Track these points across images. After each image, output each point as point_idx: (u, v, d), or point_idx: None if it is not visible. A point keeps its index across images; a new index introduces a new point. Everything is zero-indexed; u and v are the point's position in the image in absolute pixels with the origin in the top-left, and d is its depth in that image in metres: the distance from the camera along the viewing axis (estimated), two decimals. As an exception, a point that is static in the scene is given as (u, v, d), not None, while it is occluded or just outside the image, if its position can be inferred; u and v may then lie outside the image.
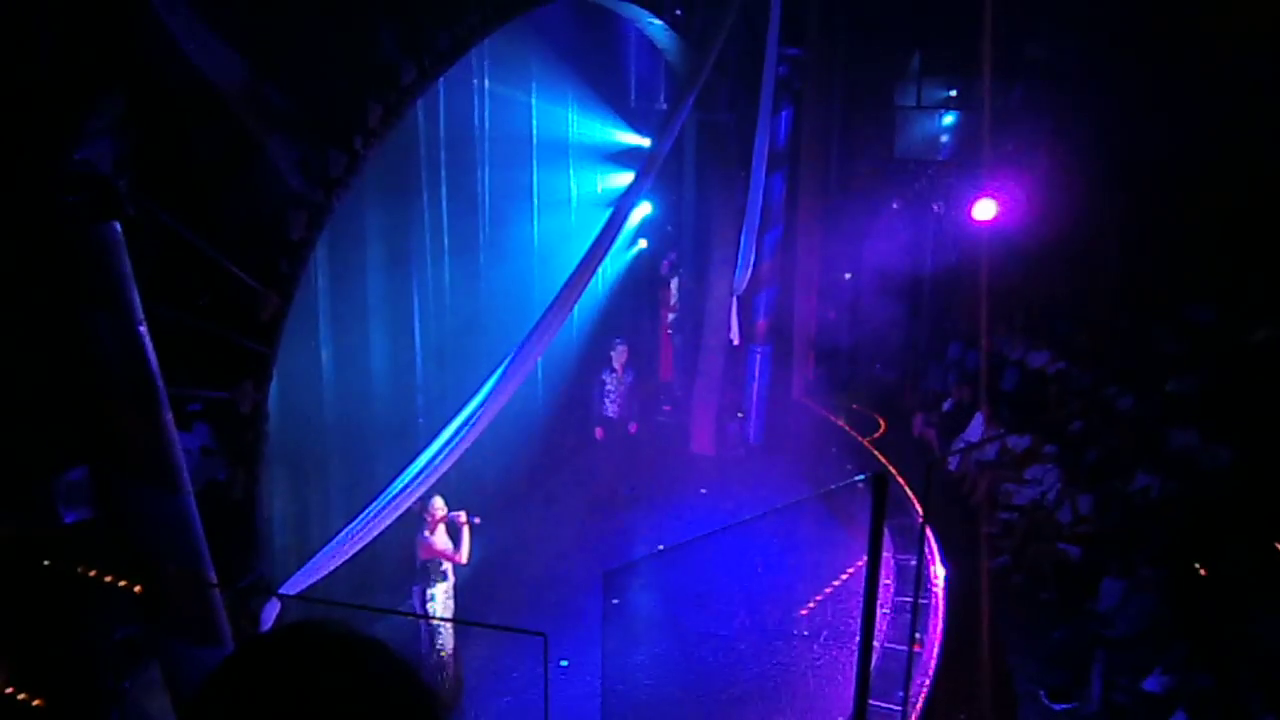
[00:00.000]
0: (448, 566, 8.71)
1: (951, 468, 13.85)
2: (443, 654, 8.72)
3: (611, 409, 12.88)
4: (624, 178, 13.61)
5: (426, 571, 8.70)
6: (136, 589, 5.41)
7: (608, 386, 12.90)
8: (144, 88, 5.30)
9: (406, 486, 7.62)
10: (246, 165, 6.33)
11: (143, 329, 5.14)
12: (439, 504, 8.65)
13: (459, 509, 8.73)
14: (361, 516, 7.52)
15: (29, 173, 4.85)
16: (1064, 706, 9.50)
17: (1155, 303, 15.57)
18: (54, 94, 4.86)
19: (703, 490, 13.38)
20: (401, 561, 9.28)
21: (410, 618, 8.75)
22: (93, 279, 5.02)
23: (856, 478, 4.72)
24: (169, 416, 5.36)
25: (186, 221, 5.78)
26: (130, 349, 5.12)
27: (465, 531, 8.70)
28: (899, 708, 7.61)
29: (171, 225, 5.66)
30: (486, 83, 11.36)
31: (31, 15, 4.84)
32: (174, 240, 5.75)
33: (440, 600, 8.68)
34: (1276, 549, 9.86)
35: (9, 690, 5.16)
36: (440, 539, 8.66)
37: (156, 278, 5.45)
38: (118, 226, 5.00)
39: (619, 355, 12.89)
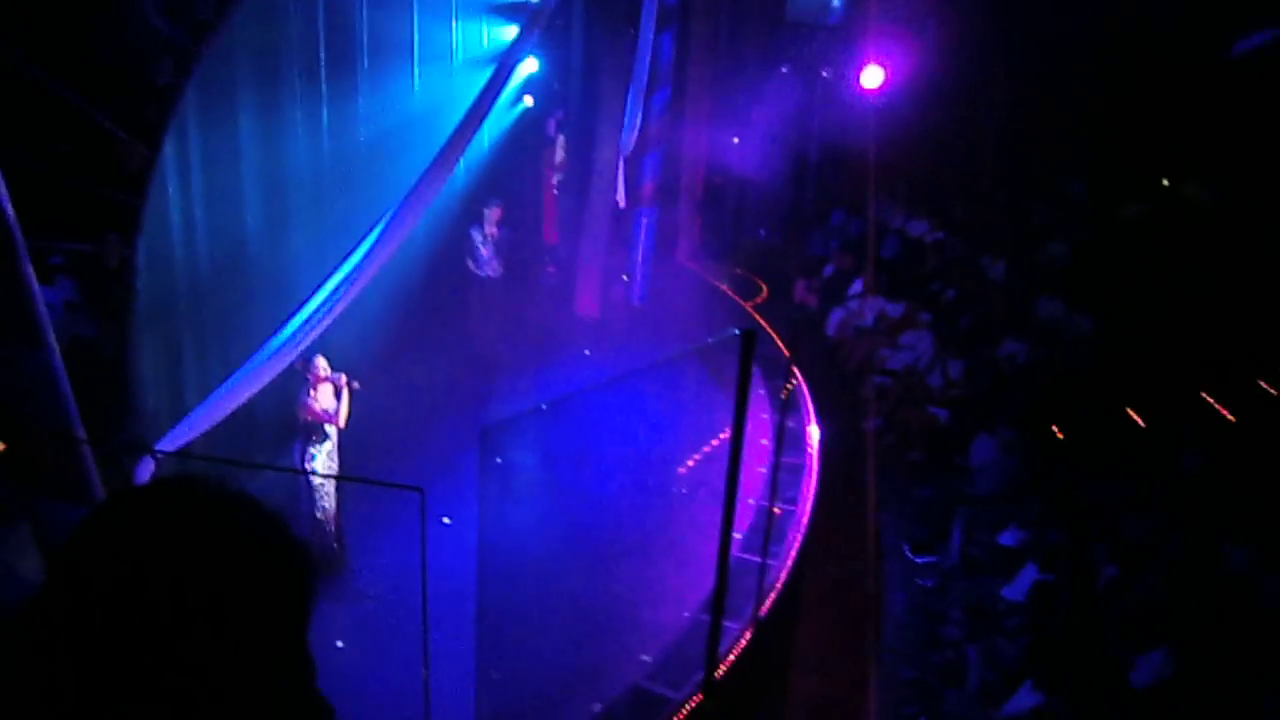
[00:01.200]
0: (329, 428, 8.61)
1: (830, 333, 14.19)
2: (324, 514, 8.71)
3: (485, 268, 12.86)
4: (510, 31, 13.21)
5: (308, 432, 8.59)
6: (1, 447, 5.26)
7: (477, 243, 12.84)
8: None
9: (284, 344, 7.48)
10: (110, 6, 5.97)
11: (-3, 177, 4.88)
12: (322, 364, 8.50)
13: (339, 370, 8.63)
14: (238, 374, 7.38)
15: None
16: (926, 559, 10.03)
17: (1031, 175, 15.96)
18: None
19: (586, 352, 13.45)
20: (281, 422, 9.17)
21: (289, 473, 8.70)
22: (-60, 122, 4.73)
23: (729, 332, 4.79)
24: (29, 269, 5.14)
25: (45, 65, 5.46)
26: (-17, 197, 4.87)
27: (345, 394, 8.59)
28: (771, 561, 7.91)
29: (29, 68, 5.33)
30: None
31: None
32: (32, 84, 5.43)
33: (322, 461, 8.60)
34: (1127, 414, 10.43)
35: None
36: (323, 399, 8.54)
37: (12, 123, 5.16)
38: (-35, 66, 4.71)
39: (492, 214, 12.79)
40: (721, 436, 10.35)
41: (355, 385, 8.67)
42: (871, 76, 15.61)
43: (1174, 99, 13.60)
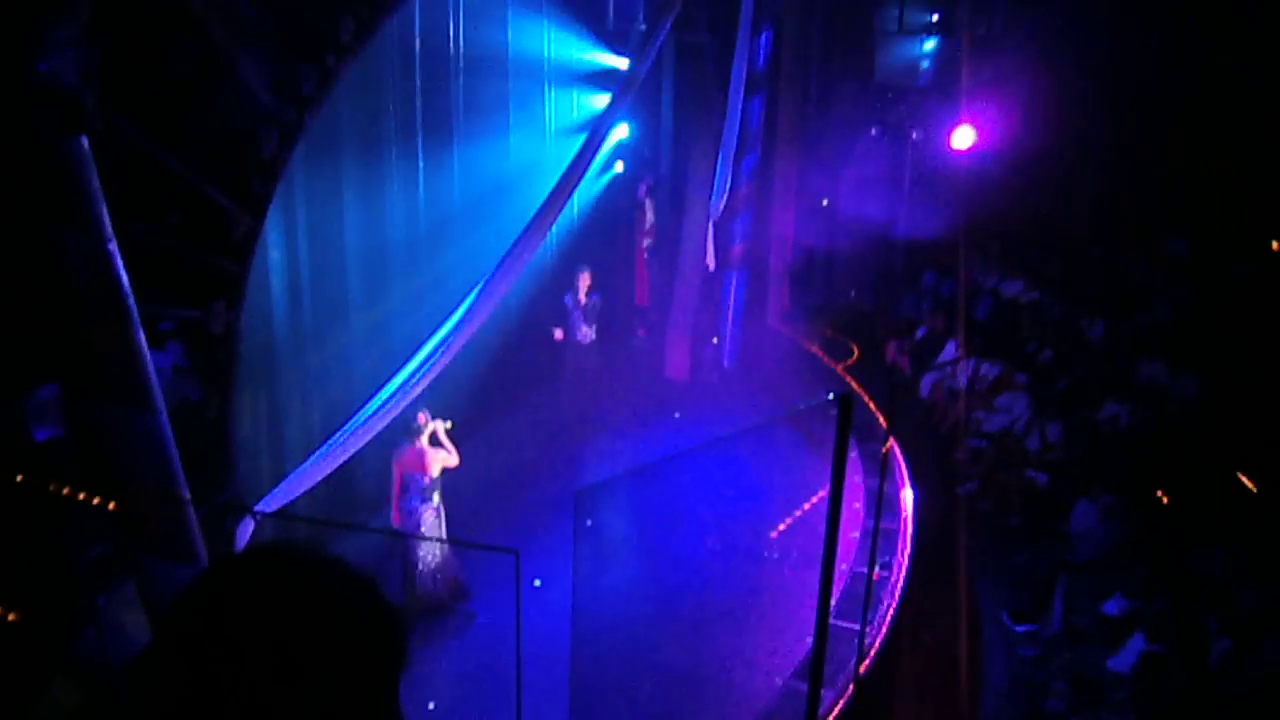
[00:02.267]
0: (431, 477, 8.82)
1: (923, 395, 13.98)
2: (427, 565, 8.95)
3: (576, 333, 12.73)
4: (601, 99, 13.45)
5: (410, 483, 8.84)
6: (111, 506, 5.42)
7: (570, 308, 12.72)
8: (109, -2, 5.18)
9: (382, 406, 7.65)
10: (218, 81, 6.22)
11: (112, 246, 5.09)
12: (424, 418, 8.77)
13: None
14: (336, 435, 7.56)
15: (-7, 85, 4.75)
16: (1026, 628, 9.73)
17: (1129, 234, 15.65)
18: (16, 1, 4.74)
19: (676, 414, 13.44)
20: (380, 480, 9.39)
21: (386, 534, 8.84)
22: (61, 196, 4.95)
23: (824, 397, 4.75)
24: (140, 335, 5.33)
25: (157, 138, 5.70)
26: (100, 267, 5.08)
27: (443, 436, 8.89)
28: (865, 627, 7.76)
29: (141, 142, 5.57)
30: (461, 2, 11.15)
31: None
32: (144, 157, 5.67)
33: (428, 516, 8.85)
34: (1237, 478, 10.06)
35: (-16, 605, 5.20)
36: (428, 450, 8.79)
37: (127, 195, 5.38)
38: (85, 142, 4.93)
39: (582, 280, 12.64)
40: (813, 500, 10.24)
41: (449, 424, 8.97)
42: (962, 137, 15.52)
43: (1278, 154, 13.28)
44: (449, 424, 9.01)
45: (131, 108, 5.52)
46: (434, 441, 8.88)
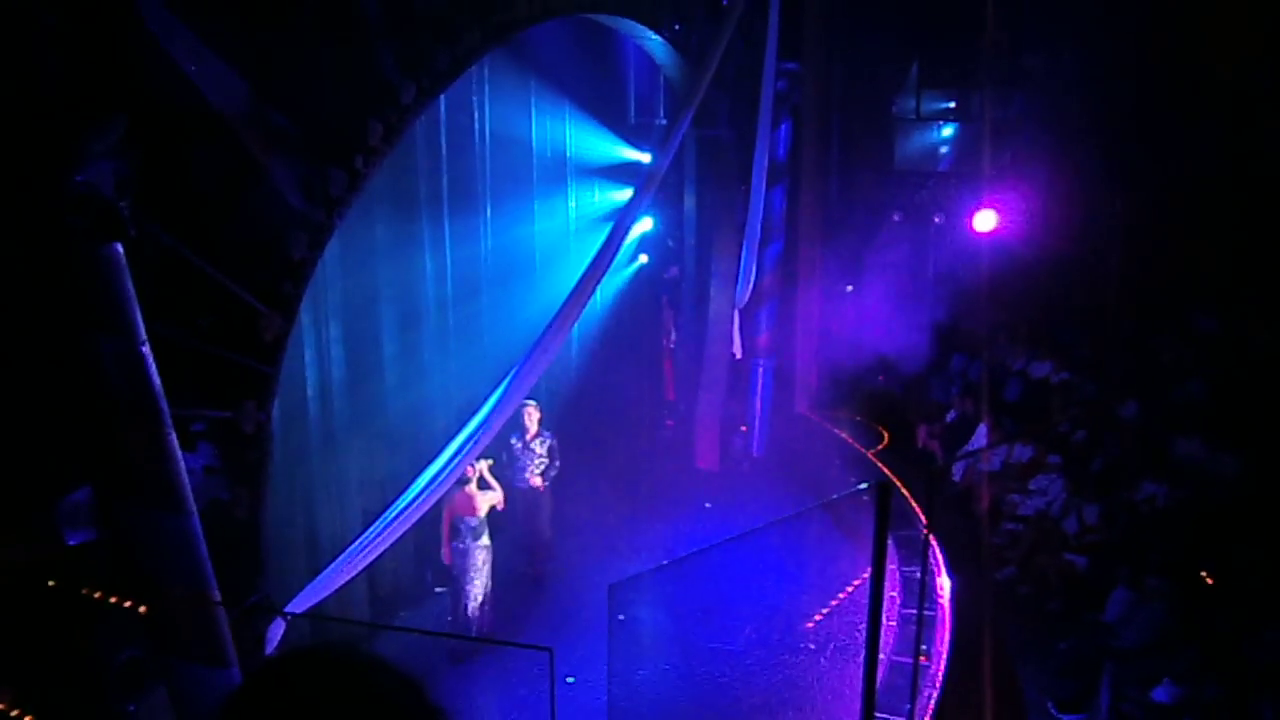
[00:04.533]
0: (478, 519, 9.64)
1: (956, 479, 13.83)
2: (474, 605, 9.69)
3: (519, 479, 11.03)
4: (624, 193, 13.64)
5: (466, 529, 9.64)
6: (141, 610, 5.41)
7: (516, 452, 11.09)
8: (145, 109, 5.32)
9: (407, 506, 7.64)
10: (248, 185, 6.35)
11: (145, 349, 5.16)
12: (471, 470, 9.40)
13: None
14: (364, 535, 7.55)
15: (32, 195, 4.86)
16: (1073, 717, 9.46)
17: (1157, 311, 15.58)
18: (57, 116, 4.88)
19: (707, 504, 13.34)
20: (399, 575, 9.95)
21: (418, 633, 8.78)
22: (95, 300, 5.04)
23: (860, 486, 4.70)
24: (173, 436, 5.37)
25: (188, 242, 5.80)
26: (133, 370, 5.13)
27: (488, 475, 9.77)
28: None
29: (173, 246, 5.67)
30: (485, 99, 11.41)
31: (35, 39, 4.86)
32: (176, 261, 5.77)
33: (480, 558, 9.67)
34: (1283, 556, 9.84)
35: (14, 713, 5.16)
36: (476, 493, 9.65)
37: (159, 298, 5.46)
38: (120, 248, 5.02)
39: (529, 415, 11.00)
40: (849, 589, 10.08)
41: (490, 462, 9.71)
42: (984, 220, 15.58)
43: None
44: (490, 461, 9.73)
45: (164, 213, 5.63)
46: (481, 485, 9.71)
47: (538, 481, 11.12)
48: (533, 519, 11.40)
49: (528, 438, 11.10)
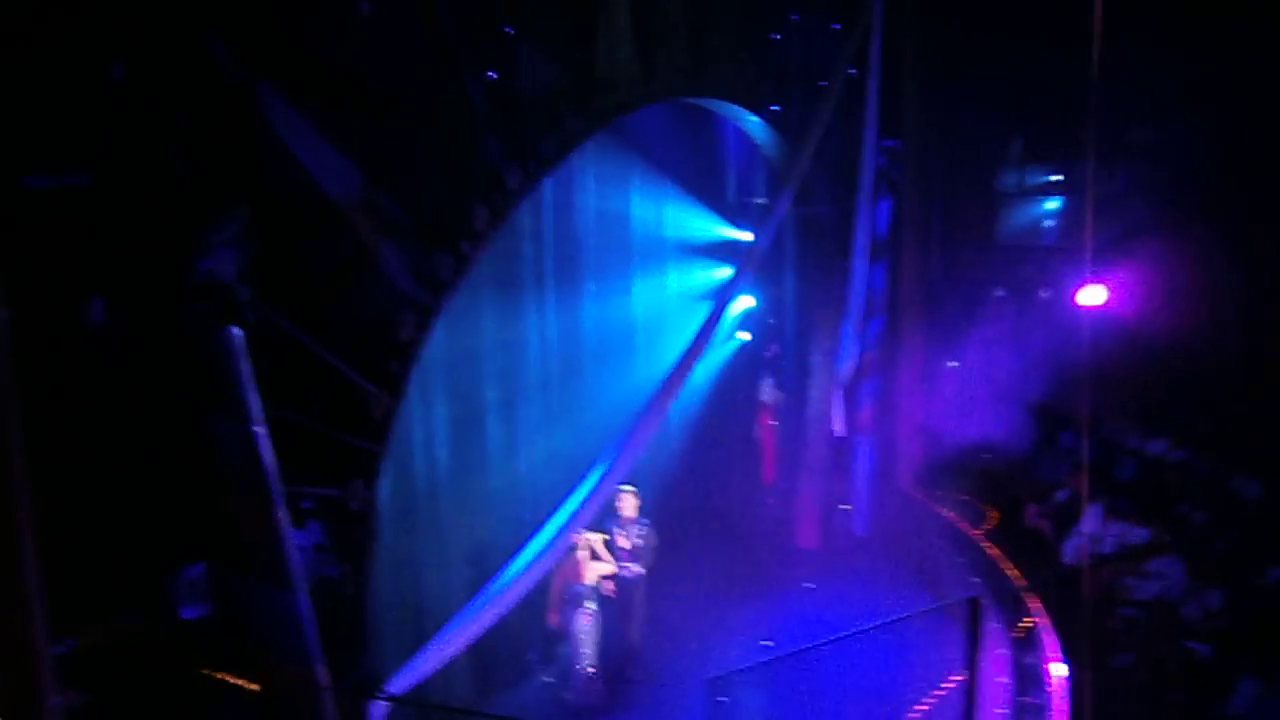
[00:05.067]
0: (589, 589, 10.16)
1: (1068, 562, 13.40)
2: (584, 671, 10.21)
3: (622, 565, 10.72)
4: (725, 271, 13.71)
5: (573, 595, 10.15)
6: (255, 688, 5.51)
7: (613, 540, 10.73)
8: (263, 199, 5.55)
9: (516, 575, 7.70)
10: (359, 270, 6.55)
11: (260, 430, 5.31)
12: (579, 539, 9.84)
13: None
14: (468, 609, 7.60)
15: (159, 282, 5.09)
16: (1197, 816, 9.01)
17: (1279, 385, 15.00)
18: (182, 208, 5.12)
19: (808, 585, 13.14)
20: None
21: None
22: (214, 382, 5.22)
23: (959, 596, 4.60)
24: (283, 514, 5.50)
25: (302, 326, 5.99)
26: (247, 450, 5.30)
27: (602, 550, 10.29)
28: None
29: (289, 330, 5.86)
30: (588, 179, 11.62)
31: (165, 134, 5.13)
32: (290, 344, 5.96)
33: (585, 624, 10.13)
34: None
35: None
36: (585, 562, 10.17)
37: (273, 380, 5.64)
38: (239, 332, 5.22)
39: (627, 503, 10.77)
40: (955, 679, 9.79)
41: (605, 537, 10.32)
42: (1091, 294, 15.24)
43: None
44: (605, 536, 10.33)
45: (280, 298, 5.84)
46: (594, 555, 10.24)
47: (636, 569, 10.90)
48: (627, 607, 11.03)
49: (624, 523, 10.88)
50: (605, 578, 10.42)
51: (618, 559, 10.74)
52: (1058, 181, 19.05)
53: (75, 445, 5.06)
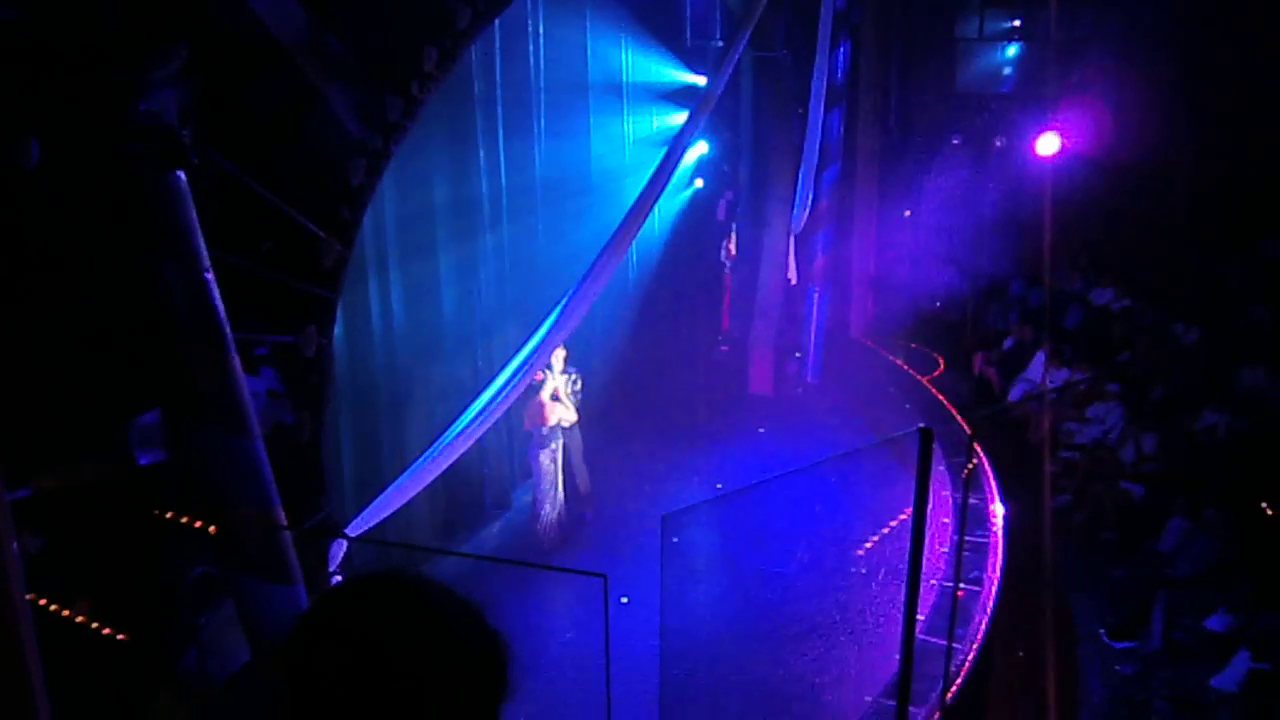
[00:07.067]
0: (552, 428, 10.32)
1: (1011, 406, 13.74)
2: (554, 504, 10.50)
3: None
4: (679, 116, 13.52)
5: (537, 436, 10.38)
6: (210, 529, 5.58)
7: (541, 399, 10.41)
8: (206, 38, 5.36)
9: (463, 431, 7.78)
10: (306, 113, 6.38)
11: (209, 276, 5.25)
12: (542, 375, 9.94)
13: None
14: (422, 457, 7.72)
15: (96, 123, 4.94)
16: (1124, 645, 9.49)
17: (1224, 237, 15.21)
18: (120, 45, 4.93)
19: (760, 430, 13.40)
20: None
21: (467, 557, 8.99)
22: (160, 228, 5.13)
23: (910, 428, 4.70)
24: (236, 361, 5.48)
25: (249, 170, 5.86)
26: (197, 296, 5.24)
27: (563, 394, 10.41)
28: (956, 644, 7.64)
29: (234, 173, 5.74)
30: (540, 24, 11.31)
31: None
32: (237, 188, 5.84)
33: (547, 463, 10.35)
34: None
35: (94, 625, 5.38)
36: (547, 403, 10.28)
37: (220, 225, 5.55)
38: (183, 176, 5.10)
39: (555, 354, 10.12)
40: (901, 517, 10.11)
41: (577, 384, 10.53)
42: (1048, 144, 15.25)
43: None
44: (566, 378, 10.38)
45: (224, 141, 5.70)
46: (554, 397, 10.32)
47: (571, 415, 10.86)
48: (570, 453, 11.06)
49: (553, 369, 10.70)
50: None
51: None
52: (1018, 27, 18.81)
53: (21, 291, 4.97)
